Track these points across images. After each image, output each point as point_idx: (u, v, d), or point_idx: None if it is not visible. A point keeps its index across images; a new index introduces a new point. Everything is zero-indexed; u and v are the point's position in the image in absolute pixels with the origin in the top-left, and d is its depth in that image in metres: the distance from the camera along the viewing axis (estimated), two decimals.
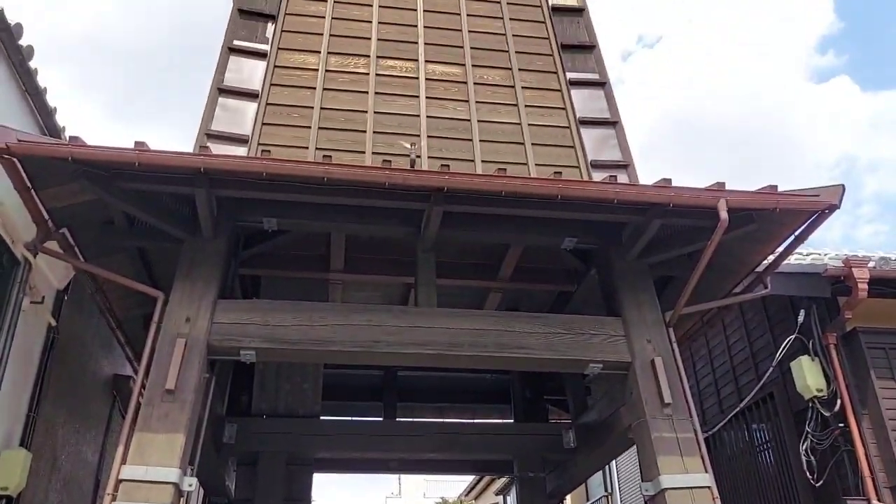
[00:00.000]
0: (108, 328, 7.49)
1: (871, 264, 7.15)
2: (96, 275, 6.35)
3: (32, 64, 5.88)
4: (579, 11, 8.97)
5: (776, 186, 5.76)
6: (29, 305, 6.30)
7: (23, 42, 5.68)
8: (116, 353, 8.66)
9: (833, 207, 5.69)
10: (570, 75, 8.28)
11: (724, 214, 5.53)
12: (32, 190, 5.42)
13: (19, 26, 5.55)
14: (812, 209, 5.75)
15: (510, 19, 8.84)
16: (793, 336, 7.61)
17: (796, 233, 6.05)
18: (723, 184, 5.85)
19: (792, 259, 7.01)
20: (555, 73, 8.34)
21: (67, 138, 5.56)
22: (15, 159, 5.08)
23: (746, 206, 5.75)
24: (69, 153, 5.10)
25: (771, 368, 7.93)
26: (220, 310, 5.74)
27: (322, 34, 8.19)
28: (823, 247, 8.40)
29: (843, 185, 5.57)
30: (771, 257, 6.53)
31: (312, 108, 7.46)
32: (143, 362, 5.50)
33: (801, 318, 7.53)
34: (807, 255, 7.78)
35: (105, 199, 5.60)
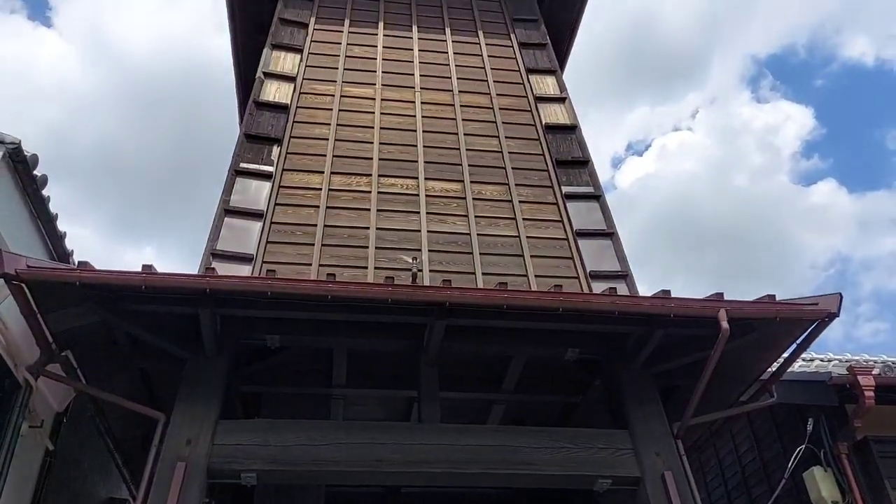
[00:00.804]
0: (105, 450, 7.35)
1: (875, 371, 7.12)
2: (97, 397, 6.31)
3: (45, 192, 6.09)
4: (572, 129, 9.36)
5: (774, 296, 5.84)
6: (28, 430, 6.22)
7: (37, 171, 5.91)
8: (113, 475, 8.45)
9: (832, 316, 5.75)
10: (565, 189, 8.54)
11: (724, 324, 5.57)
12: (38, 314, 5.47)
13: (35, 157, 5.80)
14: (812, 318, 5.80)
15: (506, 137, 9.21)
16: (803, 446, 7.46)
17: (798, 341, 6.07)
18: (721, 294, 5.92)
19: (797, 366, 6.99)
20: (550, 187, 8.61)
21: (76, 263, 5.69)
22: (24, 285, 5.17)
23: (747, 316, 5.80)
24: (77, 278, 5.20)
25: (784, 480, 7.72)
26: (221, 430, 5.65)
27: (325, 155, 8.51)
28: (826, 348, 8.38)
29: (840, 294, 5.64)
30: (775, 365, 6.51)
31: (316, 225, 7.66)
32: (142, 487, 5.37)
33: (810, 427, 7.40)
34: (810, 360, 7.76)
35: (110, 321, 5.65)
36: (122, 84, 32.34)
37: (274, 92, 9.18)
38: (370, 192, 8.17)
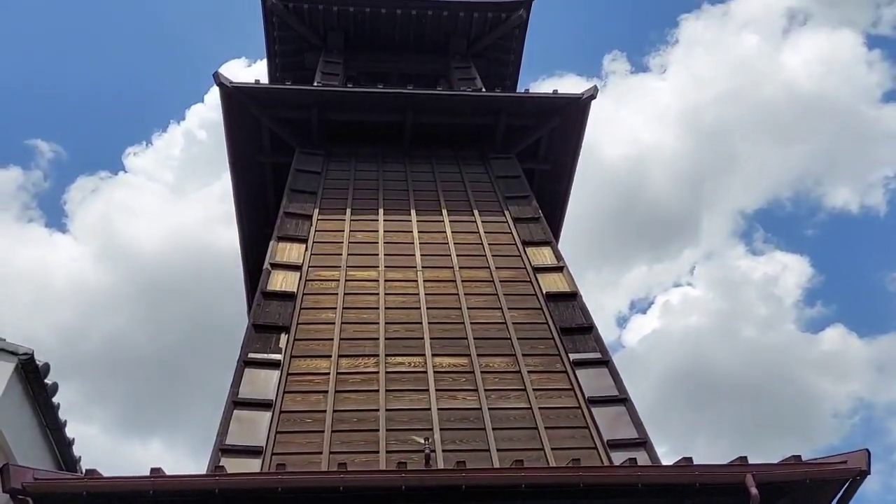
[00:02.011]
0: None
1: None
2: None
3: (56, 399, 6.11)
4: (573, 296, 9.54)
5: (800, 456, 5.68)
6: None
7: (48, 380, 5.97)
8: None
9: (864, 473, 5.57)
10: (573, 356, 8.54)
11: (753, 491, 5.39)
12: None
13: (46, 366, 5.89)
14: (843, 477, 5.60)
15: (508, 308, 9.36)
16: None
17: (834, 502, 5.81)
18: (745, 458, 5.76)
19: None
20: (558, 355, 8.62)
21: (84, 470, 5.59)
22: (29, 500, 5.05)
23: (775, 480, 5.60)
24: (84, 488, 5.10)
25: None
26: None
27: (332, 339, 8.61)
28: (866, 500, 7.92)
29: (867, 451, 5.49)
30: None
31: (325, 411, 7.59)
32: None
33: None
34: None
35: None
36: (133, 280, 33.32)
37: (281, 281, 9.46)
38: (378, 372, 8.18)
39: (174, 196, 36.80)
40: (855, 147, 36.81)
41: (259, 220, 12.87)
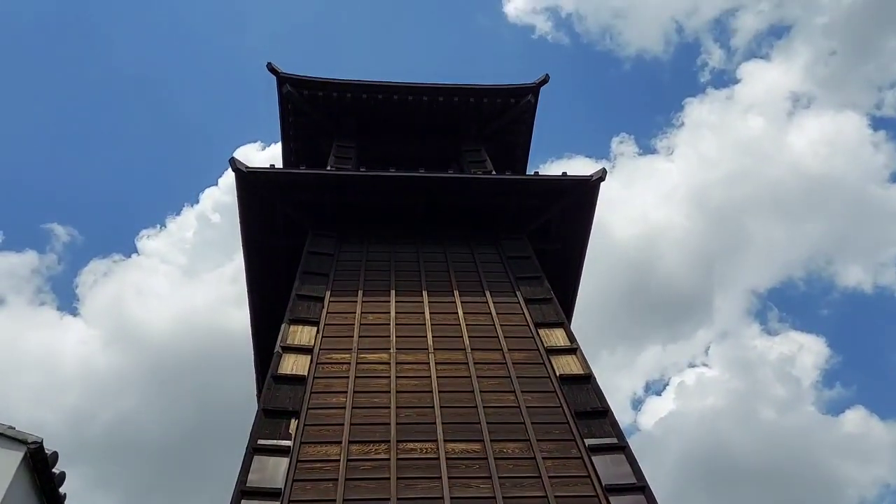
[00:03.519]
0: None
1: None
2: None
3: (62, 489, 6.01)
4: (587, 378, 9.41)
5: None
6: None
7: (56, 469, 5.89)
8: None
9: None
10: (588, 441, 8.34)
11: None
12: None
13: (55, 455, 5.82)
14: None
15: (522, 391, 9.22)
16: None
17: None
18: None
19: None
20: (573, 440, 8.42)
21: None
22: None
23: None
24: None
25: None
26: None
27: (343, 424, 8.47)
28: None
29: None
30: None
31: (335, 501, 7.39)
32: None
33: None
34: None
35: None
36: (142, 363, 33.28)
37: (291, 365, 9.40)
38: (389, 459, 8.00)
39: (186, 278, 37.15)
40: (864, 226, 36.94)
41: (271, 302, 12.91)
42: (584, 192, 13.21)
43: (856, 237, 37.87)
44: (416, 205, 12.93)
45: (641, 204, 38.12)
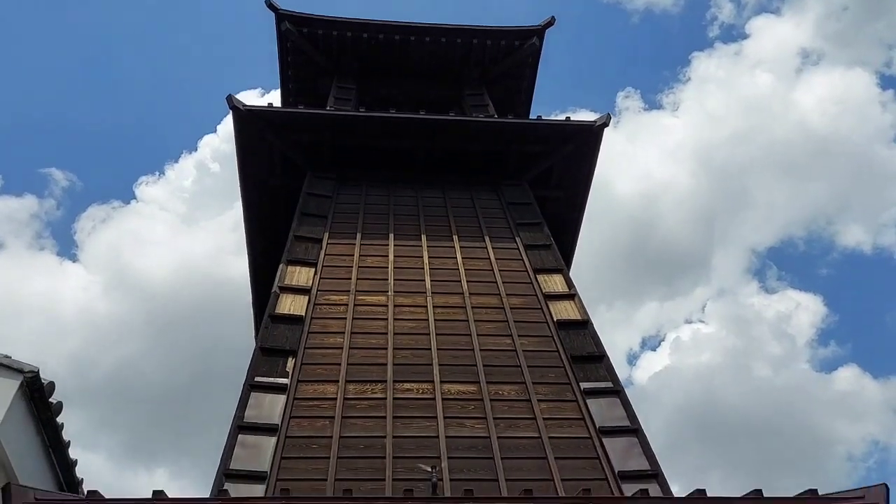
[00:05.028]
0: None
1: None
2: None
3: (60, 419, 6.05)
4: (584, 324, 9.43)
5: (816, 490, 5.52)
6: None
7: (53, 398, 5.92)
8: None
9: None
10: (583, 385, 8.41)
11: None
12: None
13: (51, 385, 5.84)
14: None
15: (519, 336, 9.25)
16: None
17: None
18: (760, 491, 5.60)
19: None
20: (568, 384, 8.49)
21: (85, 492, 5.50)
22: None
23: None
24: None
25: None
26: None
27: (340, 364, 8.52)
28: None
29: (885, 485, 5.33)
30: None
31: (331, 437, 7.47)
32: None
33: None
34: None
35: None
36: (142, 310, 33.33)
37: (289, 305, 9.41)
38: (385, 398, 8.07)
39: (185, 226, 37.01)
40: (868, 186, 36.69)
41: (269, 244, 12.85)
42: (587, 139, 13.03)
43: (858, 197, 37.65)
44: (416, 148, 12.77)
45: (644, 160, 37.75)
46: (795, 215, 38.30)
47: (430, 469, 6.99)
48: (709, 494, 5.79)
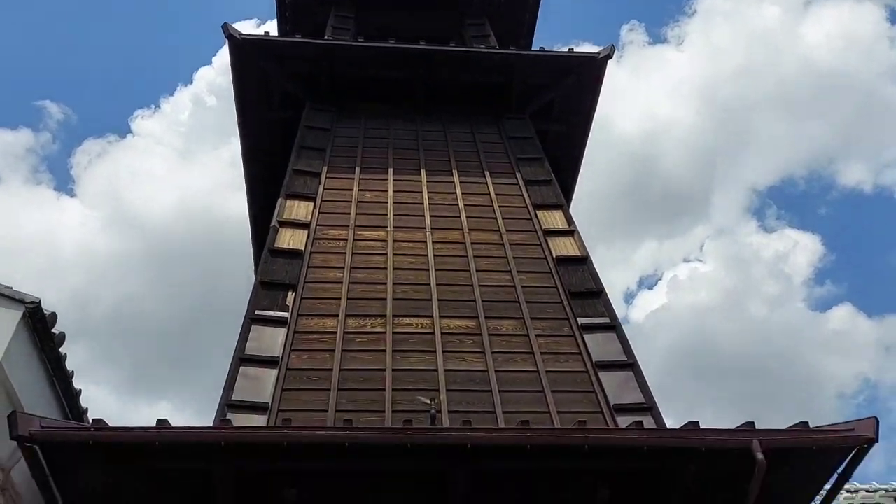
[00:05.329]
0: None
1: None
2: None
3: (63, 349, 6.12)
4: (583, 260, 9.45)
5: (807, 423, 5.63)
6: None
7: (56, 329, 5.97)
8: None
9: (871, 441, 5.51)
10: (581, 321, 8.48)
11: (759, 456, 5.34)
12: (51, 478, 5.33)
13: (54, 315, 5.88)
14: (849, 445, 5.55)
15: (518, 271, 9.28)
16: None
17: (839, 470, 5.78)
18: (752, 423, 5.72)
19: (841, 498, 6.61)
20: (566, 319, 8.56)
21: (90, 421, 5.61)
22: (36, 447, 5.07)
23: (782, 446, 5.56)
24: (90, 437, 5.12)
25: None
26: None
27: (340, 298, 8.57)
28: (868, 481, 7.93)
29: (875, 418, 5.44)
30: (818, 499, 6.16)
31: (332, 370, 7.58)
32: None
33: None
34: (855, 492, 7.34)
35: (124, 481, 5.48)
36: (142, 245, 33.30)
37: (288, 239, 9.40)
38: (385, 332, 8.15)
39: (183, 161, 36.67)
40: (872, 124, 36.23)
41: (267, 178, 12.75)
42: (589, 71, 12.75)
43: (861, 136, 37.20)
44: (416, 79, 12.50)
45: (647, 96, 37.13)
46: (797, 154, 38.02)
47: (428, 401, 7.12)
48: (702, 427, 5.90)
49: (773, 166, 40.01)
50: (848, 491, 7.11)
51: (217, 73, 33.90)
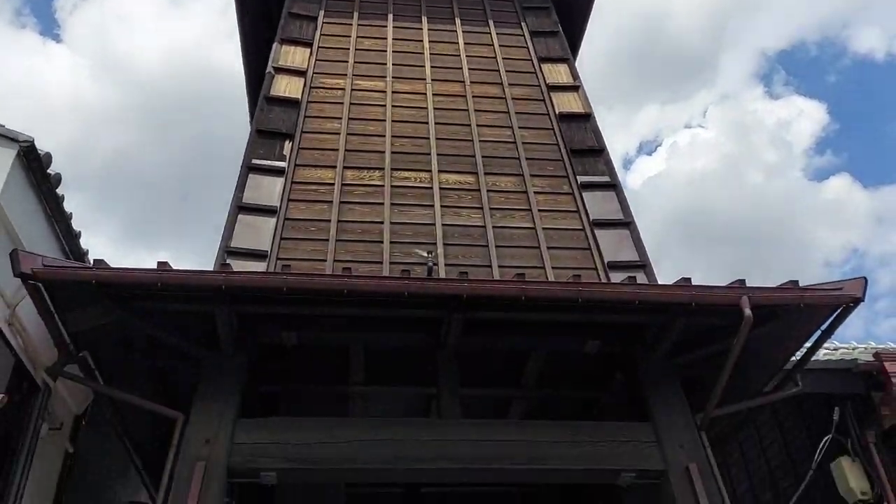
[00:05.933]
0: (124, 453, 7.33)
1: None
2: (115, 398, 6.28)
3: (59, 190, 6.05)
4: (586, 117, 9.24)
5: (797, 282, 5.71)
6: (48, 432, 6.20)
7: (51, 170, 5.87)
8: (132, 478, 8.44)
9: (857, 300, 5.61)
10: (580, 178, 8.42)
11: (747, 312, 5.45)
12: (55, 314, 5.44)
13: (48, 156, 5.76)
14: (837, 303, 5.66)
15: (519, 127, 9.11)
16: (829, 436, 7.32)
17: (822, 327, 5.93)
18: (743, 281, 5.80)
19: (821, 354, 6.85)
20: (566, 177, 8.50)
21: (91, 261, 5.64)
22: (40, 284, 5.13)
23: (770, 303, 5.67)
24: (93, 276, 5.16)
25: (811, 471, 7.59)
26: (240, 429, 5.59)
27: (337, 150, 8.44)
28: (849, 343, 8.21)
29: (864, 278, 5.51)
30: (799, 354, 6.38)
31: (329, 221, 7.59)
32: (162, 487, 5.33)
33: (836, 417, 7.26)
34: (835, 349, 7.61)
35: (126, 320, 5.60)
36: (133, 94, 32.44)
37: (284, 87, 9.12)
38: (383, 185, 8.10)
39: (173, 7, 34.87)
40: None
41: (262, 20, 12.18)
42: None
43: (876, 1, 35.43)
44: None
45: None
46: (812, 17, 36.37)
47: (426, 254, 7.19)
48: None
49: (786, 30, 38.47)
50: (829, 348, 7.37)
51: None
